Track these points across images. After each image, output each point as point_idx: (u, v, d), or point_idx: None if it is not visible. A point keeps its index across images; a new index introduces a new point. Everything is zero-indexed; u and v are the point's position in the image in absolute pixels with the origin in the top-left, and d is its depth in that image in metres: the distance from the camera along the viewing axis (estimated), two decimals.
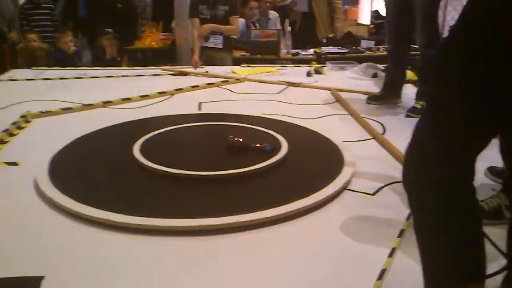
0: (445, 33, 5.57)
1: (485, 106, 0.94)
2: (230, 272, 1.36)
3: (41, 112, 2.85)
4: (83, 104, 3.03)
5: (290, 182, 1.96)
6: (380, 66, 4.06)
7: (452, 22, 5.93)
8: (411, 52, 3.13)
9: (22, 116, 2.74)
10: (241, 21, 5.32)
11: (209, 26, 4.33)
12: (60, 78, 3.91)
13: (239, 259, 1.43)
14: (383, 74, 3.68)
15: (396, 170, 2.04)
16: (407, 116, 2.82)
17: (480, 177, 1.85)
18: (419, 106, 2.81)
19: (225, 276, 1.34)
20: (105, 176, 1.98)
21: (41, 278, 1.30)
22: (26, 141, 2.45)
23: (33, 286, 1.26)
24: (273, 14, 5.99)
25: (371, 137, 2.49)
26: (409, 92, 3.21)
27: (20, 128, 2.62)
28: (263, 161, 2.02)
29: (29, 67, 4.46)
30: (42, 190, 1.78)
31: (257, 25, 5.70)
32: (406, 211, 1.66)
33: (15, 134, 2.53)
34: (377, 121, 2.75)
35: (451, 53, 0.99)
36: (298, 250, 1.48)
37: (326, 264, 1.39)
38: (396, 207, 1.72)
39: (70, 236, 1.54)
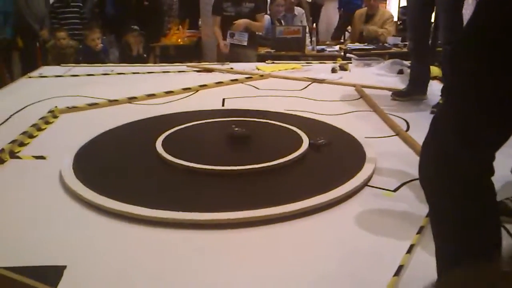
0: None
1: (503, 99, 0.93)
2: (247, 265, 1.37)
3: (68, 107, 2.92)
4: (109, 100, 3.09)
5: (311, 177, 1.96)
6: (406, 62, 3.99)
7: None
8: (438, 48, 3.08)
9: (50, 112, 2.81)
10: (266, 17, 5.33)
11: (243, 22, 4.34)
12: (88, 75, 3.98)
13: (256, 252, 1.44)
14: (409, 70, 3.63)
15: None
16: (432, 112, 2.78)
17: (505, 175, 1.82)
18: None
19: (242, 269, 1.35)
20: (127, 170, 2.01)
21: (63, 267, 1.34)
22: (53, 136, 2.51)
23: (56, 275, 1.30)
24: (298, 10, 5.98)
25: (394, 134, 2.46)
26: (435, 88, 3.16)
27: (48, 123, 2.68)
28: (284, 157, 2.02)
29: (58, 64, 4.56)
30: (66, 183, 1.83)
31: (282, 21, 5.69)
32: (427, 207, 1.63)
33: (43, 129, 2.59)
34: (401, 118, 2.71)
35: (467, 47, 0.98)
36: (316, 245, 1.48)
37: (343, 259, 1.39)
38: (416, 203, 1.70)
39: (92, 227, 1.58)
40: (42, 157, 2.17)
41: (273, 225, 1.58)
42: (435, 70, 3.38)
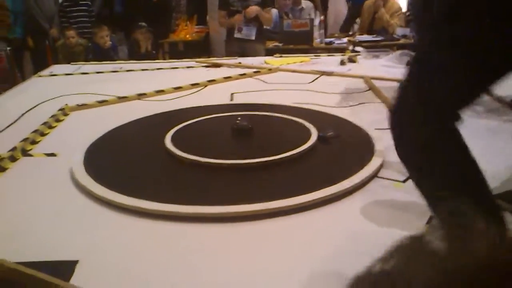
0: None
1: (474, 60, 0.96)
2: (257, 258, 1.38)
3: (78, 105, 2.94)
4: (118, 96, 3.11)
5: (319, 170, 1.96)
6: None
7: None
8: None
9: (60, 109, 2.84)
10: (274, 11, 5.32)
11: (256, 9, 4.33)
12: (97, 72, 4.01)
13: (266, 245, 1.45)
14: None
15: None
16: None
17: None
18: None
19: (254, 261, 1.36)
20: (137, 165, 2.03)
21: (75, 262, 1.36)
22: (64, 133, 2.54)
23: (68, 270, 1.31)
24: (307, 3, 5.95)
25: None
26: None
27: (58, 120, 2.71)
28: (293, 149, 2.02)
29: (68, 63, 4.60)
30: (77, 179, 1.85)
31: (290, 15, 5.68)
32: None
33: (54, 127, 2.62)
34: None
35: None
36: (325, 236, 1.48)
37: (352, 250, 1.39)
38: None
39: (103, 222, 1.60)
40: (53, 155, 2.19)
41: (283, 218, 1.58)
42: None
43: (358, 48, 5.18)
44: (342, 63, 3.98)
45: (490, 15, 0.95)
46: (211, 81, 3.51)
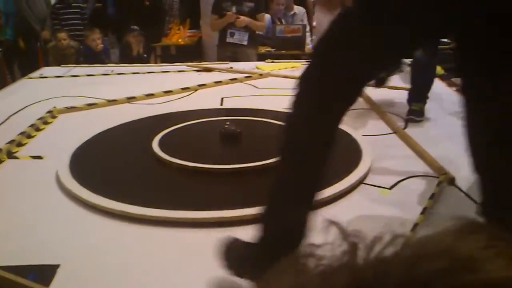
0: None
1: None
2: None
3: (66, 107, 2.92)
4: (108, 100, 3.09)
5: None
6: (406, 60, 3.98)
7: None
8: (440, 46, 3.05)
9: (49, 112, 2.82)
10: (267, 16, 5.32)
11: (249, 20, 4.33)
12: (88, 75, 3.99)
13: None
14: (408, 68, 3.61)
15: (416, 165, 2.02)
16: (411, 120, 2.61)
17: None
18: (417, 108, 2.65)
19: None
20: (123, 169, 2.02)
21: (56, 266, 1.34)
22: (51, 136, 2.52)
23: (49, 274, 1.30)
24: (299, 9, 5.96)
25: (392, 132, 2.46)
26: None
27: (46, 123, 2.69)
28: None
29: (59, 65, 4.57)
30: (62, 183, 1.83)
31: (283, 20, 5.68)
32: (421, 205, 1.64)
33: (42, 129, 2.60)
34: (399, 116, 2.71)
35: None
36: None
37: None
38: (412, 201, 1.70)
39: (87, 226, 1.59)
40: (39, 157, 2.18)
41: None
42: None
43: None
44: None
45: None
46: (202, 86, 3.51)
